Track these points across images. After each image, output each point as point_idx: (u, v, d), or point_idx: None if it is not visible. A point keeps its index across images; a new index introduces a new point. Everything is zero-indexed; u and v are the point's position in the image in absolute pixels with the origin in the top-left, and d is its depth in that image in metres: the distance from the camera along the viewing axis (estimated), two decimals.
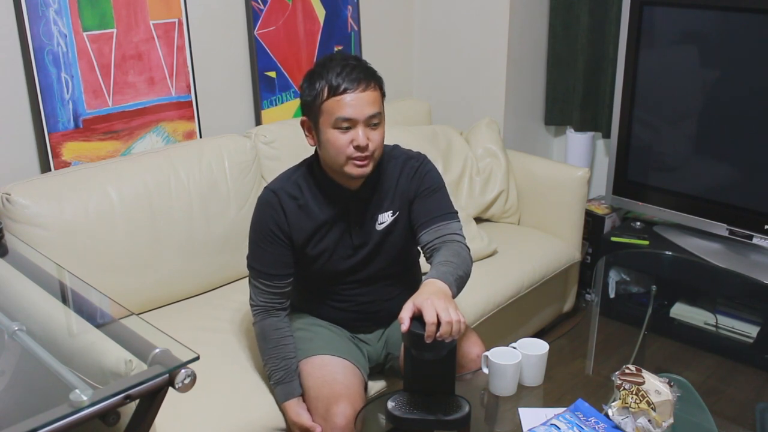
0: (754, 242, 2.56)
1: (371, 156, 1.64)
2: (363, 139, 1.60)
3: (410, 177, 1.77)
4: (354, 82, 1.59)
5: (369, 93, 1.61)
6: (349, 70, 1.60)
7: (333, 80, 1.59)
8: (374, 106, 1.62)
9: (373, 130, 1.63)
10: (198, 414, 1.70)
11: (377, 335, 1.89)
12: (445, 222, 1.71)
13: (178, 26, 2.33)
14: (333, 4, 2.77)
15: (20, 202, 1.89)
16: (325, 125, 1.62)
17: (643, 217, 2.98)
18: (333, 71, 1.60)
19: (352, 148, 1.61)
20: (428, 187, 1.76)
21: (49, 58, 2.05)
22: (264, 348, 1.78)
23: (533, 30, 3.06)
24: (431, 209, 1.74)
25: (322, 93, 1.60)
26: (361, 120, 1.60)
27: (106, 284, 1.75)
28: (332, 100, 1.60)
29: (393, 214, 1.77)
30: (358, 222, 1.76)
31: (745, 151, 2.55)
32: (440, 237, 1.68)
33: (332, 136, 1.62)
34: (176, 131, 2.39)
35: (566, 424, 1.50)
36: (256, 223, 1.76)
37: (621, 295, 2.89)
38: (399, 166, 1.77)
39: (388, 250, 1.79)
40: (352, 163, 1.63)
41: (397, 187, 1.77)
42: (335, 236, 1.75)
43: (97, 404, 1.07)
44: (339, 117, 1.60)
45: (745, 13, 2.44)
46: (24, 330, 1.32)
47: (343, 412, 1.63)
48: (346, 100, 1.59)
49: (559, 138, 3.36)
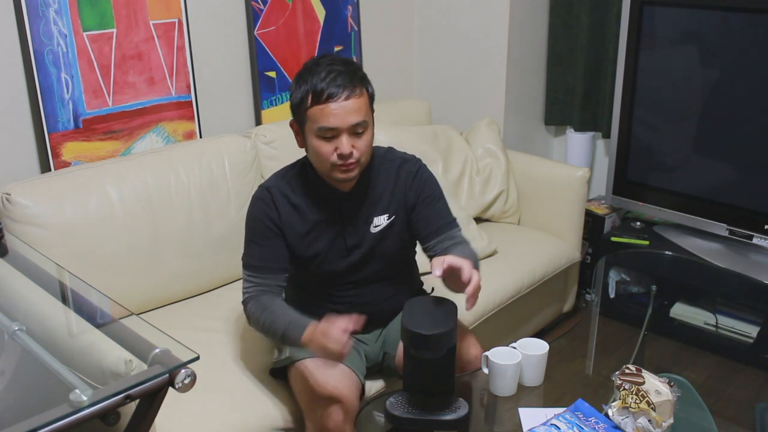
0: (754, 242, 2.56)
1: (356, 162, 1.63)
2: (347, 147, 1.59)
3: (408, 182, 1.77)
4: (339, 88, 1.56)
5: (353, 100, 1.58)
6: (334, 76, 1.57)
7: (317, 85, 1.57)
8: (358, 114, 1.59)
9: (358, 137, 1.61)
10: (198, 414, 1.70)
11: (375, 335, 1.89)
12: (450, 231, 1.78)
13: (178, 26, 2.33)
14: (333, 4, 2.77)
15: (20, 202, 1.89)
16: (309, 132, 1.61)
17: (643, 217, 2.98)
18: (318, 76, 1.57)
19: (336, 156, 1.60)
20: (429, 195, 1.78)
21: (49, 58, 2.05)
22: (264, 320, 1.65)
23: (533, 30, 3.06)
24: (435, 220, 1.78)
25: (306, 99, 1.59)
26: (345, 129, 1.58)
27: (106, 284, 1.75)
28: (316, 108, 1.58)
29: (389, 218, 1.77)
30: (351, 223, 1.75)
31: (745, 151, 2.55)
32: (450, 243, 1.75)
33: (316, 143, 1.61)
34: (176, 131, 2.39)
35: (566, 424, 1.50)
36: (251, 220, 1.75)
37: (621, 295, 2.89)
38: (395, 170, 1.77)
39: (383, 253, 1.78)
40: (337, 169, 1.63)
41: (394, 191, 1.76)
42: (329, 237, 1.74)
43: (97, 404, 1.07)
44: (322, 126, 1.58)
45: (745, 13, 2.44)
46: (24, 330, 1.32)
47: (334, 416, 1.61)
48: (330, 108, 1.56)
49: (559, 138, 3.36)
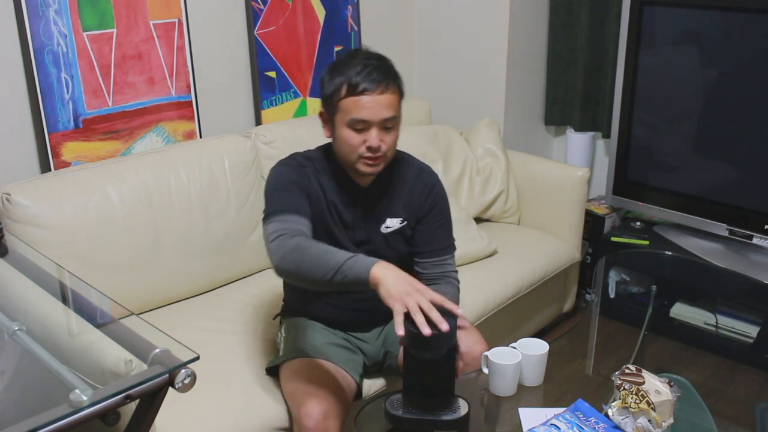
0: (754, 242, 2.56)
1: (383, 156, 1.65)
2: (376, 140, 1.61)
3: (425, 194, 1.79)
4: (373, 83, 1.59)
5: (387, 96, 1.61)
6: (370, 70, 1.60)
7: (352, 78, 1.59)
8: (390, 109, 1.62)
9: (386, 132, 1.64)
10: (198, 414, 1.70)
11: (375, 333, 1.89)
12: (445, 257, 1.81)
13: (178, 26, 2.33)
14: (333, 4, 2.77)
15: (20, 202, 1.89)
16: (340, 122, 1.63)
17: (643, 217, 2.97)
18: (354, 69, 1.60)
19: (364, 148, 1.62)
20: (439, 214, 1.81)
21: (49, 58, 2.05)
22: (311, 254, 1.50)
23: (533, 30, 3.06)
24: (435, 241, 1.80)
25: (341, 90, 1.61)
26: (376, 122, 1.61)
27: (106, 284, 1.75)
28: (349, 99, 1.60)
29: (401, 222, 1.79)
30: (363, 219, 1.76)
31: (745, 151, 2.55)
32: (439, 272, 1.79)
33: (346, 134, 1.63)
34: (176, 131, 2.39)
35: (566, 424, 1.50)
36: (279, 175, 1.70)
37: (621, 295, 2.89)
38: (413, 175, 1.80)
39: (390, 254, 1.78)
40: (363, 161, 1.65)
41: (410, 198, 1.79)
42: (339, 226, 1.75)
43: (97, 404, 1.07)
44: (354, 118, 1.60)
45: (745, 13, 2.44)
46: (24, 330, 1.32)
47: (314, 414, 1.59)
48: (363, 101, 1.59)
49: (559, 138, 3.36)
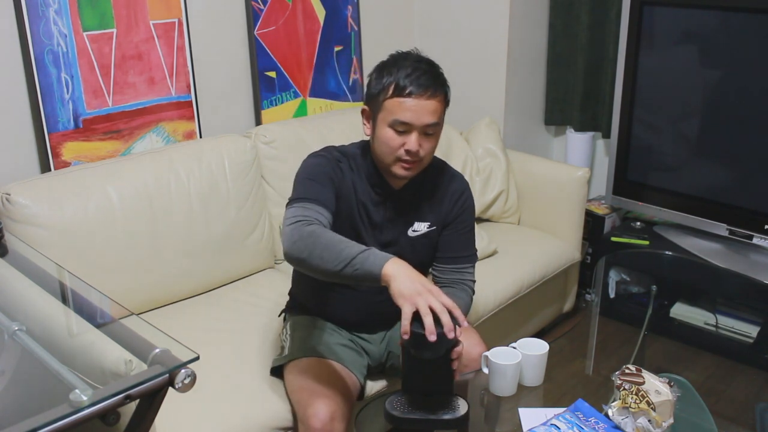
0: (754, 242, 2.56)
1: (420, 161, 1.65)
2: (415, 145, 1.61)
3: (453, 200, 1.80)
4: (421, 88, 1.59)
5: (432, 102, 1.60)
6: (419, 74, 1.60)
7: (401, 80, 1.59)
8: (434, 115, 1.61)
9: (427, 138, 1.64)
10: (198, 414, 1.70)
11: (380, 336, 1.89)
12: (465, 265, 1.81)
13: (178, 26, 2.33)
14: (333, 4, 2.77)
15: (20, 202, 1.89)
16: (382, 121, 1.63)
17: (643, 217, 2.97)
18: (404, 71, 1.60)
19: (403, 151, 1.62)
20: (465, 222, 1.81)
21: (49, 58, 2.05)
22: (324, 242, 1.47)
23: (533, 30, 3.06)
24: (458, 247, 1.81)
25: (388, 90, 1.61)
26: (418, 126, 1.60)
27: (106, 284, 1.75)
28: (395, 100, 1.60)
29: (429, 227, 1.79)
30: (392, 221, 1.76)
31: (746, 151, 2.55)
32: (456, 278, 1.79)
33: (387, 134, 1.63)
34: (176, 131, 2.39)
35: (566, 424, 1.50)
36: (314, 166, 1.68)
37: (621, 295, 2.89)
38: (447, 181, 1.80)
39: (413, 258, 1.75)
40: (399, 164, 1.65)
41: (441, 205, 1.79)
42: (366, 226, 1.74)
43: (97, 404, 1.07)
44: (397, 119, 1.60)
45: (745, 13, 2.44)
46: (24, 330, 1.32)
47: (321, 415, 1.59)
48: (408, 104, 1.59)
49: (559, 138, 3.36)
